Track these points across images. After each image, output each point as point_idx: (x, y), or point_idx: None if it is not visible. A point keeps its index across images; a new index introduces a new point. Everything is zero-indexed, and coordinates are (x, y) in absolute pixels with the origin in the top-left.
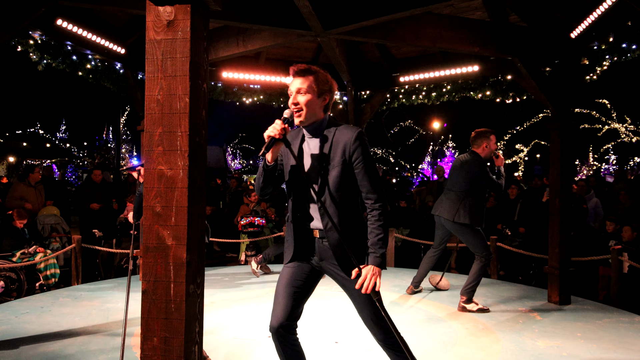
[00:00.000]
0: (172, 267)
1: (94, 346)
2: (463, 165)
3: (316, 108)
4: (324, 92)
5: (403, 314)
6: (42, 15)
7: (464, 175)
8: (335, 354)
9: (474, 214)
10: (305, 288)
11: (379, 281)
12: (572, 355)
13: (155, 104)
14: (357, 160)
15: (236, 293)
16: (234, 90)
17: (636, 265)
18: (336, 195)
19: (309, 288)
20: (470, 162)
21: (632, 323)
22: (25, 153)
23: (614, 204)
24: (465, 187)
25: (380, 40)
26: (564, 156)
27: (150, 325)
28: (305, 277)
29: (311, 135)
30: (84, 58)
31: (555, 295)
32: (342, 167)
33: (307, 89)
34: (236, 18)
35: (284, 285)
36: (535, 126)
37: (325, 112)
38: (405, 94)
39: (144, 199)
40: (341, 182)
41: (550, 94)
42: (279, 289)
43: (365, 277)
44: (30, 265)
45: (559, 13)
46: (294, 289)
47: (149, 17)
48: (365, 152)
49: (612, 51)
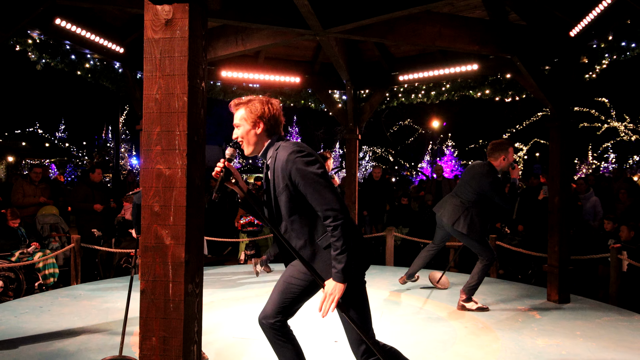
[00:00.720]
0: (170, 267)
1: (93, 346)
2: (475, 175)
3: (254, 137)
4: (257, 120)
5: (402, 313)
6: (40, 14)
7: (473, 186)
8: (335, 353)
9: (474, 225)
10: (303, 290)
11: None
12: (572, 353)
13: (154, 103)
14: (297, 181)
15: (235, 292)
16: (233, 90)
17: (635, 264)
18: (294, 219)
19: (307, 291)
20: (484, 175)
21: (631, 322)
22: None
23: (614, 203)
24: (472, 198)
25: (380, 39)
26: (563, 155)
27: (149, 325)
28: (306, 277)
29: (265, 162)
30: (83, 57)
31: (554, 293)
32: (287, 192)
33: (239, 122)
34: (235, 17)
35: (280, 281)
36: (535, 125)
37: (271, 135)
38: (405, 92)
39: (142, 199)
40: (292, 206)
41: (550, 93)
42: (275, 284)
43: (324, 299)
44: (29, 265)
45: (559, 11)
46: (288, 285)
47: (147, 16)
48: (302, 171)
49: (612, 49)
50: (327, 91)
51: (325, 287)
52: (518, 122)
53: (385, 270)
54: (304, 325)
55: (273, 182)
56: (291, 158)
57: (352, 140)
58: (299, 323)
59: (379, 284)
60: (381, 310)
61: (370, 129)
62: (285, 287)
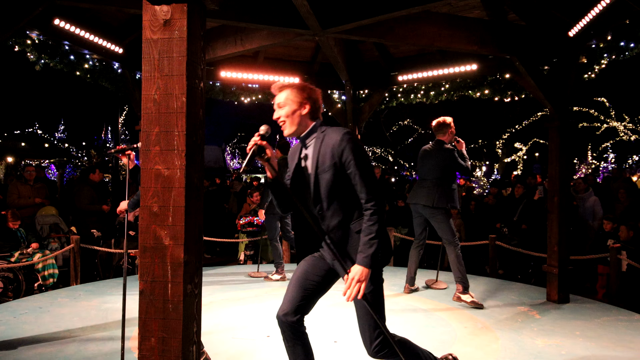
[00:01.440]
0: (169, 267)
1: (92, 346)
2: (432, 154)
3: (298, 117)
4: (304, 101)
5: (402, 313)
6: (39, 14)
7: (438, 163)
8: (335, 353)
9: (450, 196)
10: (319, 285)
11: (363, 285)
12: (571, 353)
13: (152, 103)
14: (347, 161)
15: (235, 293)
16: (232, 90)
17: (635, 265)
18: (332, 200)
19: (323, 286)
20: (444, 150)
21: (630, 321)
22: (23, 153)
23: (613, 203)
24: (439, 174)
25: (379, 39)
26: (563, 155)
27: (147, 326)
28: (323, 273)
29: (304, 144)
30: (82, 58)
31: (554, 293)
32: (334, 171)
33: (284, 102)
34: (234, 17)
35: (298, 277)
36: (534, 125)
37: (314, 118)
38: (404, 93)
39: (141, 199)
40: (334, 186)
41: (549, 93)
42: (291, 280)
43: (350, 284)
44: (28, 266)
45: (558, 12)
46: (307, 282)
47: (146, 16)
48: (355, 151)
49: (611, 49)
50: (326, 91)
51: (351, 272)
52: (517, 122)
53: (384, 270)
54: None
55: (316, 162)
56: (345, 138)
57: None
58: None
59: None
60: None
61: (369, 129)
62: (304, 283)
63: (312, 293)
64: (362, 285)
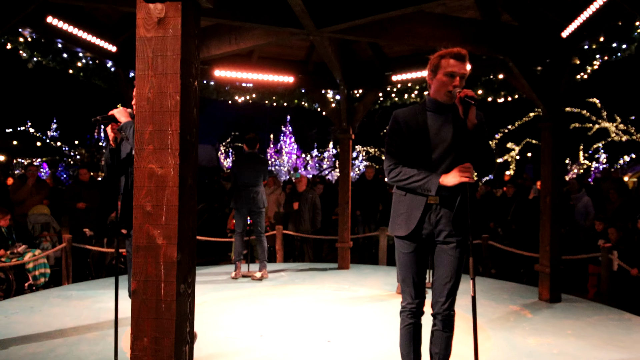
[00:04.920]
0: (162, 267)
1: (84, 346)
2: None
3: None
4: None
5: (394, 312)
6: (32, 12)
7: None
8: (328, 353)
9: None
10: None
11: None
12: (563, 352)
13: (146, 102)
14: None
15: (228, 292)
16: (226, 89)
17: (624, 266)
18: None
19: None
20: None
21: (621, 320)
22: (15, 152)
23: (604, 203)
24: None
25: (373, 39)
26: (555, 155)
27: (140, 325)
28: (426, 261)
29: (435, 112)
30: (75, 56)
31: (545, 293)
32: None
33: (466, 73)
34: (228, 16)
35: (415, 272)
36: (527, 125)
37: None
38: (398, 92)
39: (134, 198)
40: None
41: (542, 93)
42: (412, 273)
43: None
44: (19, 265)
45: (551, 12)
46: (423, 274)
47: (140, 14)
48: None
49: (603, 50)
50: (320, 91)
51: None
52: (510, 122)
53: (378, 270)
54: (296, 325)
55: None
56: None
57: (345, 140)
58: (292, 323)
59: (372, 284)
60: (374, 310)
61: (363, 128)
62: (423, 277)
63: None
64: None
